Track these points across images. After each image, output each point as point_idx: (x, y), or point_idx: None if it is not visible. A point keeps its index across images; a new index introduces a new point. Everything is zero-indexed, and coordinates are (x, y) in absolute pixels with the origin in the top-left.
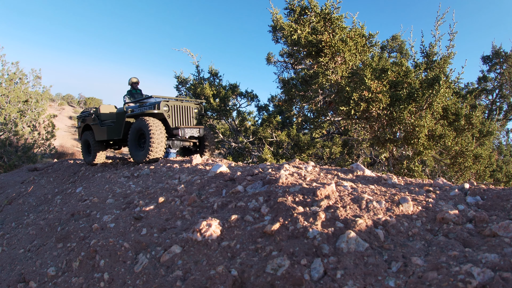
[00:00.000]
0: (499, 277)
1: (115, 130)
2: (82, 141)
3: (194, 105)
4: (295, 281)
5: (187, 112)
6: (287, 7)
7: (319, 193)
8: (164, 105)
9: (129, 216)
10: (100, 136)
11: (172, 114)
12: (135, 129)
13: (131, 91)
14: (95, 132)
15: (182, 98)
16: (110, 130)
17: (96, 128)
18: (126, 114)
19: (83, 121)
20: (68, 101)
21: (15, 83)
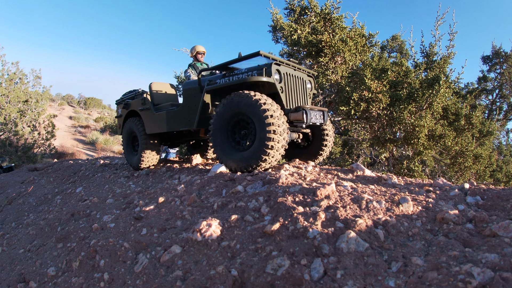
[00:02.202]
0: (499, 277)
1: (182, 116)
2: (125, 134)
3: (306, 77)
4: (295, 281)
5: (302, 86)
6: (287, 7)
7: (319, 193)
8: (275, 71)
9: (129, 216)
10: (154, 127)
11: (285, 87)
12: (227, 111)
13: (194, 64)
14: (146, 121)
15: (290, 63)
16: (173, 116)
17: (147, 116)
18: (204, 88)
19: (125, 107)
20: (68, 101)
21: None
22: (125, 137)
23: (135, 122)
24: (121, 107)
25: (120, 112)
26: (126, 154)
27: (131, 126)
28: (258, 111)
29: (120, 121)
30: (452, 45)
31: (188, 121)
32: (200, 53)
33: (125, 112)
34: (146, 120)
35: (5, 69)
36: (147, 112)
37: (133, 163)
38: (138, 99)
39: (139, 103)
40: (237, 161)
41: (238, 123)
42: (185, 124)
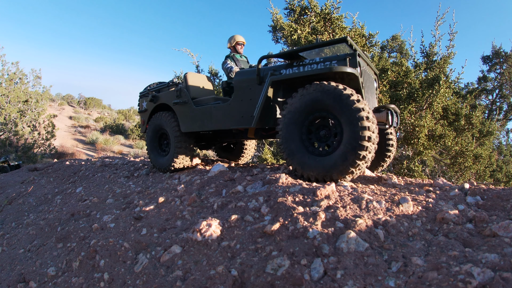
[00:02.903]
0: (499, 277)
1: (234, 112)
2: (150, 131)
3: (373, 74)
4: (295, 281)
5: (372, 83)
6: (287, 7)
7: (319, 193)
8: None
9: (129, 216)
10: (194, 124)
11: (364, 81)
12: (304, 106)
13: (233, 55)
14: (182, 117)
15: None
16: (222, 113)
17: (183, 111)
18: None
19: (153, 100)
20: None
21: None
22: (151, 135)
23: (166, 118)
24: (147, 100)
25: (145, 106)
26: (151, 155)
27: (160, 122)
28: (349, 109)
29: (145, 116)
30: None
31: (242, 118)
32: (239, 43)
33: (151, 106)
34: (182, 116)
35: (5, 69)
36: (183, 106)
37: (161, 164)
38: (170, 91)
39: (173, 95)
40: (312, 168)
41: (316, 121)
42: (238, 122)
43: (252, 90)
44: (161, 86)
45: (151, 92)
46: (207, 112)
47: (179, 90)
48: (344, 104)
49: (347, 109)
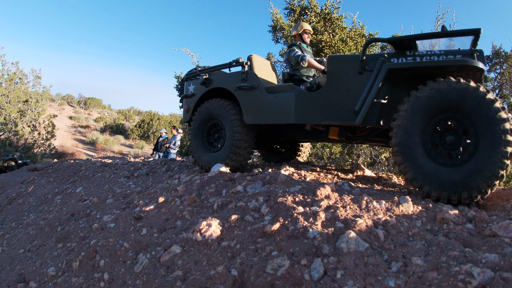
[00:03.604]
0: (499, 277)
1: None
2: (198, 122)
3: None
4: (295, 281)
5: None
6: (287, 7)
7: (319, 193)
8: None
9: (129, 216)
10: (265, 116)
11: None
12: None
13: (300, 44)
14: (247, 105)
15: None
16: (309, 103)
17: (249, 99)
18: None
19: (205, 83)
20: (68, 101)
21: (15, 83)
22: (197, 126)
23: (223, 106)
24: (195, 84)
25: (193, 90)
26: (195, 150)
27: (212, 111)
28: (491, 118)
29: (191, 102)
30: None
31: (336, 112)
32: (307, 32)
33: (202, 90)
34: (247, 105)
35: (5, 69)
36: (250, 93)
37: (208, 162)
38: (232, 73)
39: (236, 78)
40: (444, 184)
41: (441, 124)
42: (331, 116)
43: (351, 79)
44: (218, 67)
45: (203, 74)
46: (285, 102)
47: (245, 73)
48: (486, 111)
49: (489, 117)
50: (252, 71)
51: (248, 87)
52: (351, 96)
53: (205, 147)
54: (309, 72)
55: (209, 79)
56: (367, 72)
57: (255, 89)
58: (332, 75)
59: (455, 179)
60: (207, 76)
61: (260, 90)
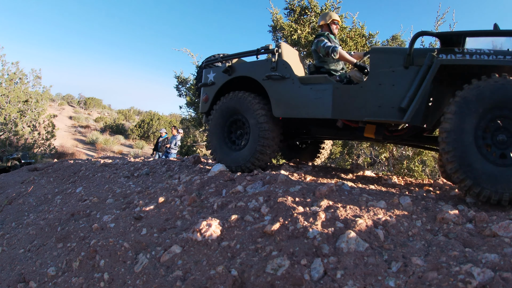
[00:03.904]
0: (499, 277)
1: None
2: (218, 116)
3: None
4: (295, 281)
5: None
6: (287, 7)
7: (319, 193)
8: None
9: (129, 216)
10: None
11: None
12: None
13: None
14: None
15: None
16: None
17: (280, 89)
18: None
19: (228, 71)
20: (68, 101)
21: (15, 83)
22: (217, 121)
23: (248, 98)
24: (216, 71)
25: (213, 78)
26: (215, 147)
27: (234, 104)
28: None
29: (210, 91)
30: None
31: (379, 108)
32: (335, 22)
33: (223, 79)
34: (277, 96)
35: (5, 69)
36: (281, 83)
37: (231, 162)
38: (259, 61)
39: (264, 67)
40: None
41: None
42: (374, 113)
43: (395, 73)
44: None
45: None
46: (322, 95)
47: (276, 61)
48: None
49: None
50: (283, 59)
51: (279, 76)
52: (395, 91)
53: (227, 145)
54: (337, 65)
55: (232, 66)
56: (413, 67)
57: (287, 79)
58: (375, 68)
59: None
60: (230, 64)
61: (293, 80)
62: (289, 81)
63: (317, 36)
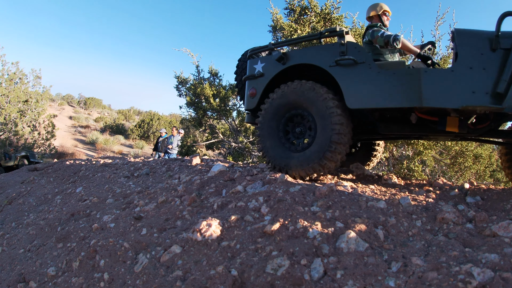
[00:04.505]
0: (499, 277)
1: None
2: (271, 111)
3: None
4: (295, 281)
5: None
6: (287, 7)
7: (319, 193)
8: None
9: (129, 216)
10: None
11: None
12: None
13: (380, 26)
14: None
15: None
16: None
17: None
18: None
19: (282, 59)
20: (68, 101)
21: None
22: (271, 118)
23: (315, 89)
24: (266, 61)
25: (261, 69)
26: (268, 148)
27: (294, 98)
28: None
29: (260, 84)
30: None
31: (473, 94)
32: (386, 13)
33: (276, 69)
34: (351, 84)
35: (5, 69)
36: (355, 69)
37: (291, 165)
38: (324, 46)
39: (330, 52)
40: None
41: None
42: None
43: (484, 56)
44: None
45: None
46: (408, 80)
47: (346, 44)
48: None
49: None
50: (354, 42)
51: (352, 61)
52: (488, 76)
53: (284, 146)
54: (393, 57)
55: (287, 54)
56: (500, 50)
57: (361, 64)
58: (463, 51)
59: None
60: (285, 51)
61: (370, 65)
62: (365, 66)
63: (369, 27)
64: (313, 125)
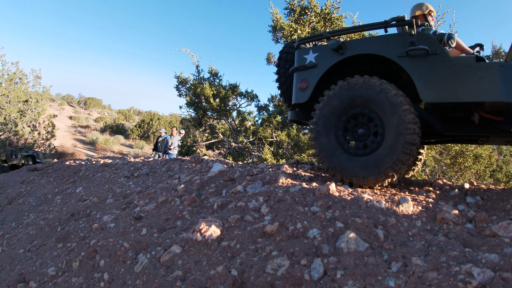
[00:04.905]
0: (499, 277)
1: None
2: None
3: None
4: (295, 281)
5: None
6: (287, 7)
7: (319, 193)
8: None
9: (129, 216)
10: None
11: None
12: None
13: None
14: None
15: None
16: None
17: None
18: None
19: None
20: (68, 101)
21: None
22: (328, 115)
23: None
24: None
25: (313, 59)
26: (325, 151)
27: (359, 94)
28: None
29: (313, 76)
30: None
31: None
32: (432, 14)
33: (331, 60)
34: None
35: (5, 69)
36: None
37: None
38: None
39: (398, 42)
40: None
41: None
42: None
43: None
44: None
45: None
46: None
47: (416, 34)
48: None
49: None
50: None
51: (425, 51)
52: None
53: (344, 149)
54: None
55: (345, 43)
56: None
57: (435, 56)
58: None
59: None
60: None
61: (444, 57)
62: (439, 58)
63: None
64: (380, 125)
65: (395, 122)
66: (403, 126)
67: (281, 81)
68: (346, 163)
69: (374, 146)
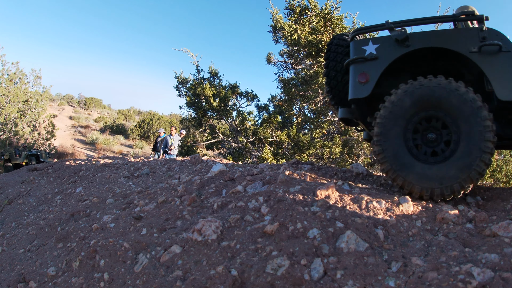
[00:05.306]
0: (499, 277)
1: None
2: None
3: None
4: (295, 281)
5: None
6: (287, 7)
7: (319, 193)
8: None
9: (129, 216)
10: None
11: None
12: None
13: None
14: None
15: None
16: None
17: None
18: None
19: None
20: (68, 101)
21: (15, 83)
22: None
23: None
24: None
25: (374, 51)
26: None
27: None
28: None
29: (374, 69)
30: None
31: None
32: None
33: (395, 53)
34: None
35: (5, 69)
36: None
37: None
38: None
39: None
40: None
41: None
42: None
43: None
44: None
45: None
46: None
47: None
48: None
49: None
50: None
51: (498, 46)
52: None
53: (413, 154)
54: None
55: (410, 35)
56: None
57: (509, 53)
58: None
59: None
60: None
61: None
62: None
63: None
64: (454, 130)
65: (471, 127)
66: (482, 133)
67: (330, 75)
68: (414, 171)
69: (448, 153)
